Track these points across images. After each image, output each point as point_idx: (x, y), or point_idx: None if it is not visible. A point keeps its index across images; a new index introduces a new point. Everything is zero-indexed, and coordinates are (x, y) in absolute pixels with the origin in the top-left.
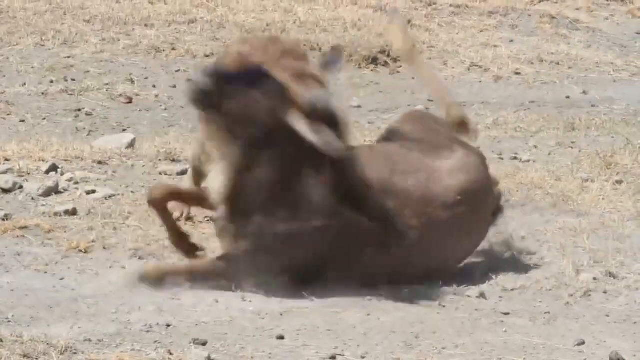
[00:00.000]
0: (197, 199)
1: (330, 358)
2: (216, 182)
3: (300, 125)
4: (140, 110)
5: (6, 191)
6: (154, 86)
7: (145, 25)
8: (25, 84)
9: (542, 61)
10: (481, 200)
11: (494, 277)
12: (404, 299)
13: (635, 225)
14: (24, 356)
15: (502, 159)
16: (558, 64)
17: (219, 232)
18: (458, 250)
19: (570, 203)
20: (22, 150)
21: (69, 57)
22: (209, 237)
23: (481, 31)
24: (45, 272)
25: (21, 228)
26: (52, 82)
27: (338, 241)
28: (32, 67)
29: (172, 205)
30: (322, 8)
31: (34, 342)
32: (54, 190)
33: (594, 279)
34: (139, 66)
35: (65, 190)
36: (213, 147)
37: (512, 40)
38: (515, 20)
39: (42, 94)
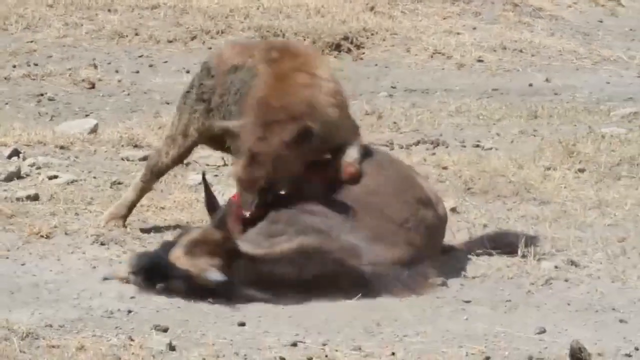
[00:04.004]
0: None
1: (291, 345)
2: None
3: None
4: (103, 96)
5: None
6: (117, 71)
7: (109, 10)
8: None
9: (505, 49)
10: None
11: (455, 265)
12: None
13: (597, 213)
14: None
15: (464, 146)
16: (521, 51)
17: None
18: None
19: (532, 191)
20: None
21: (31, 42)
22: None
23: (444, 18)
24: (7, 258)
25: None
26: (14, 66)
27: None
28: None
29: None
30: None
31: None
32: (16, 175)
33: (556, 267)
34: (102, 51)
35: (28, 175)
36: None
37: (475, 28)
38: (478, 7)
39: (5, 78)
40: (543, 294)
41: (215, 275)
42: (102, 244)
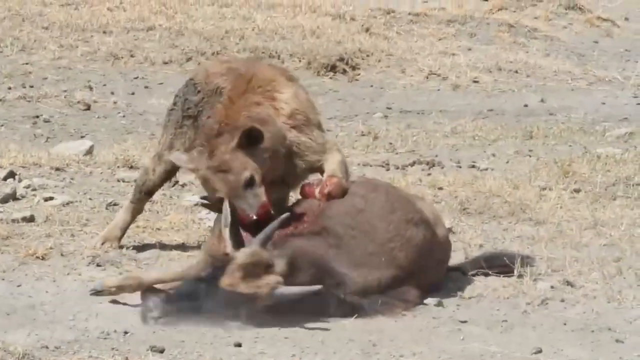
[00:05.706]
0: None
1: None
2: None
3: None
4: (98, 117)
5: None
6: (112, 93)
7: (104, 32)
8: None
9: (501, 69)
10: None
11: (451, 285)
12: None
13: (593, 233)
14: None
15: (460, 167)
16: (516, 72)
17: None
18: None
19: (528, 211)
20: None
21: (27, 64)
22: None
23: (439, 39)
24: (3, 279)
25: None
26: (10, 88)
27: None
28: None
29: None
30: (281, 16)
31: None
32: (11, 197)
33: (552, 287)
34: (97, 73)
35: (23, 197)
36: None
37: (470, 49)
38: (473, 28)
39: (0, 100)
40: (539, 314)
41: (284, 290)
42: (98, 265)
